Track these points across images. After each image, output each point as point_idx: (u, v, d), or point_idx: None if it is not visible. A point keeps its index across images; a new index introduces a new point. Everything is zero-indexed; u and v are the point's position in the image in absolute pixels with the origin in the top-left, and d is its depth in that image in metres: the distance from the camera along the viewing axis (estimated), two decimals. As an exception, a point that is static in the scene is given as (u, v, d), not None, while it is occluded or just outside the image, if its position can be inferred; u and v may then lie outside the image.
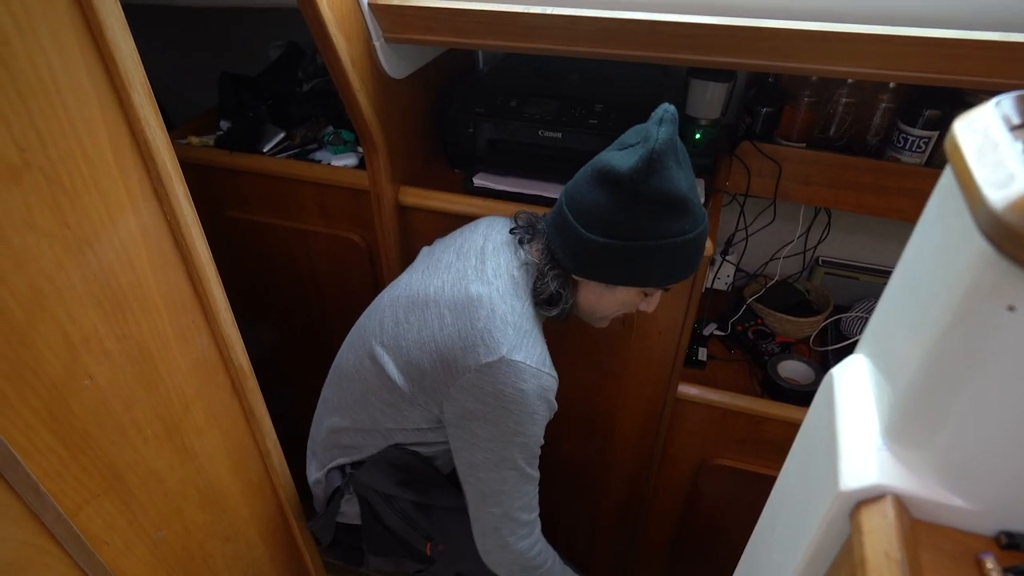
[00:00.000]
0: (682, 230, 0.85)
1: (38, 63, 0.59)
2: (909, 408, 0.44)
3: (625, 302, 0.96)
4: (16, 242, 0.60)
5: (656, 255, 0.86)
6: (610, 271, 0.90)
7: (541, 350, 0.94)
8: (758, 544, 0.68)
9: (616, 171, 0.81)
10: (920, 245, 0.47)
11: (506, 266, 0.96)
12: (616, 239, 0.84)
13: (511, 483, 0.96)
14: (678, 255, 0.87)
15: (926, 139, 1.21)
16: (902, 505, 0.43)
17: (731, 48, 0.94)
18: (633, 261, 0.87)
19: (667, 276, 0.90)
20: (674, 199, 0.83)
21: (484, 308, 0.90)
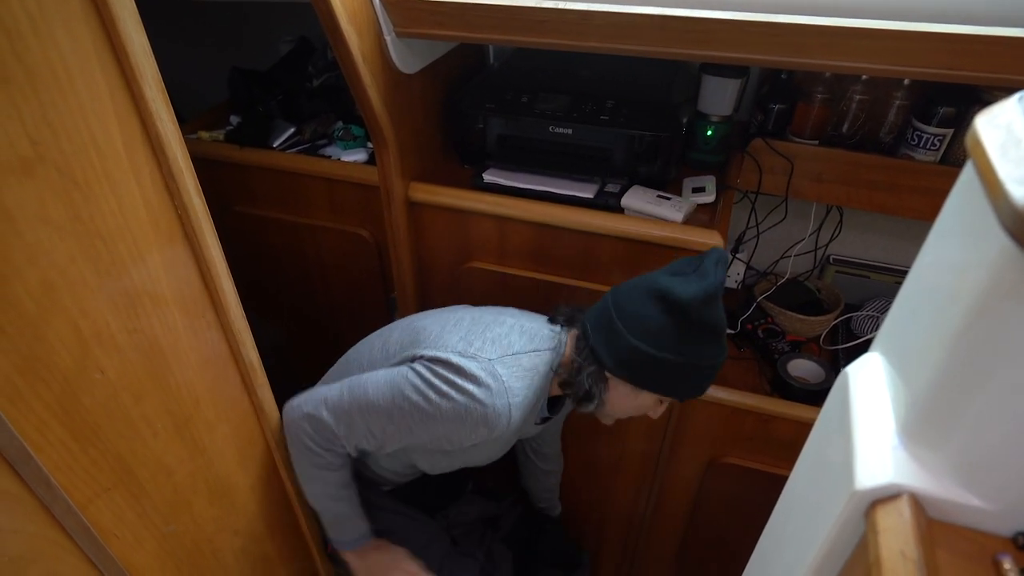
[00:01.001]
0: (715, 355, 0.96)
1: (51, 57, 0.59)
2: (926, 406, 0.44)
3: (642, 406, 1.02)
4: (29, 236, 0.60)
5: (693, 372, 0.96)
6: (648, 378, 0.97)
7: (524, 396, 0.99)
8: (769, 543, 0.68)
9: (676, 296, 0.91)
10: (939, 242, 0.46)
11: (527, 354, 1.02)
12: (665, 352, 0.93)
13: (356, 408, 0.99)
14: (705, 374, 0.98)
15: (940, 137, 1.19)
16: (918, 504, 0.43)
17: (744, 44, 0.93)
18: (673, 373, 0.95)
19: (692, 390, 1.00)
20: (719, 330, 0.95)
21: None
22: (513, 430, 0.99)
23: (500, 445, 1.11)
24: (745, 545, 0.84)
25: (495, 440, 1.03)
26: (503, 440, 1.08)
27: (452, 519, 1.35)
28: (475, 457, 1.11)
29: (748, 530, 1.49)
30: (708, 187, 1.25)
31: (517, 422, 0.98)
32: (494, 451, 1.12)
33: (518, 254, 1.30)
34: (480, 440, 0.98)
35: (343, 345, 1.24)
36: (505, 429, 0.96)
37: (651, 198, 1.20)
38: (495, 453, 1.13)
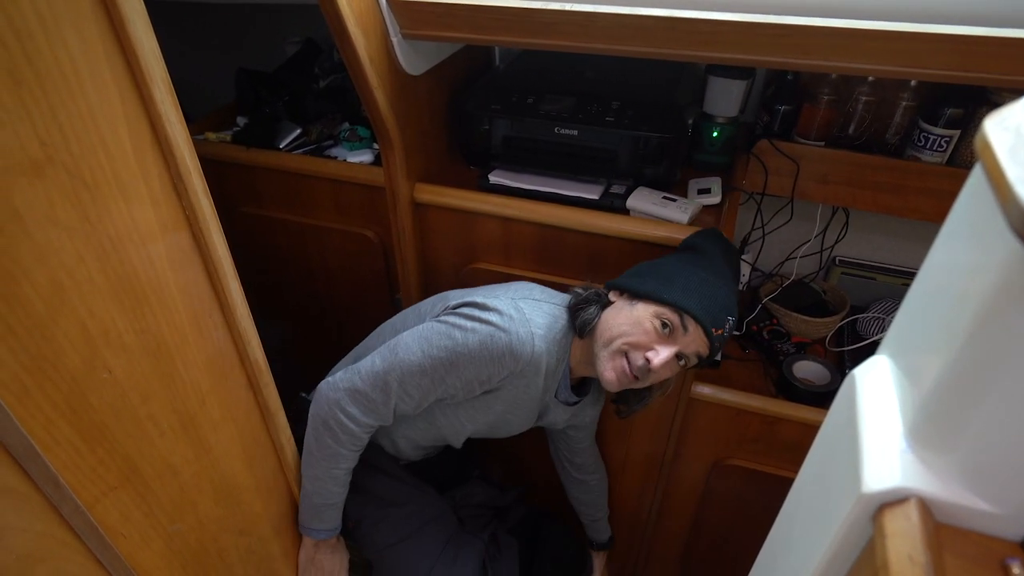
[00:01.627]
0: (713, 270, 1.01)
1: (61, 58, 0.59)
2: (934, 410, 0.44)
3: (634, 318, 0.99)
4: (38, 236, 0.60)
5: (688, 275, 0.99)
6: (643, 279, 1.01)
7: (541, 321, 1.03)
8: (775, 545, 0.68)
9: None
10: (947, 244, 0.46)
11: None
12: (664, 260, 1.03)
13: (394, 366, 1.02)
14: (699, 282, 0.98)
15: (947, 138, 1.19)
16: (926, 508, 0.42)
17: (750, 45, 0.93)
18: (667, 274, 1.00)
19: (683, 294, 0.97)
20: (704, 250, 1.04)
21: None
22: (539, 368, 1.02)
23: (527, 401, 1.10)
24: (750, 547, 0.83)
25: (523, 383, 1.05)
26: (531, 390, 1.07)
27: (458, 500, 1.37)
28: (503, 418, 1.13)
29: (753, 532, 1.49)
30: (714, 188, 1.25)
31: (542, 357, 1.00)
32: (521, 410, 1.12)
33: (523, 255, 1.30)
34: (508, 373, 1.00)
35: (348, 345, 1.25)
36: (531, 359, 0.99)
37: (656, 199, 1.20)
38: (521, 415, 1.14)
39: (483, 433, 1.18)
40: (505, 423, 1.16)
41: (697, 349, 0.98)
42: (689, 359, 1.00)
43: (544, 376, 1.06)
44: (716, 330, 0.97)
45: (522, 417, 1.16)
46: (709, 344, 0.98)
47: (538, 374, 1.04)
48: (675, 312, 0.96)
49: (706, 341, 0.98)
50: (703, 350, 0.99)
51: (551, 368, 1.06)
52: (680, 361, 1.00)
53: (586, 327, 1.03)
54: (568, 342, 1.06)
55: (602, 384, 1.03)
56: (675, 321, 0.96)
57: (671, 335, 0.97)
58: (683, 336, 0.97)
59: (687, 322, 0.96)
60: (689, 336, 0.97)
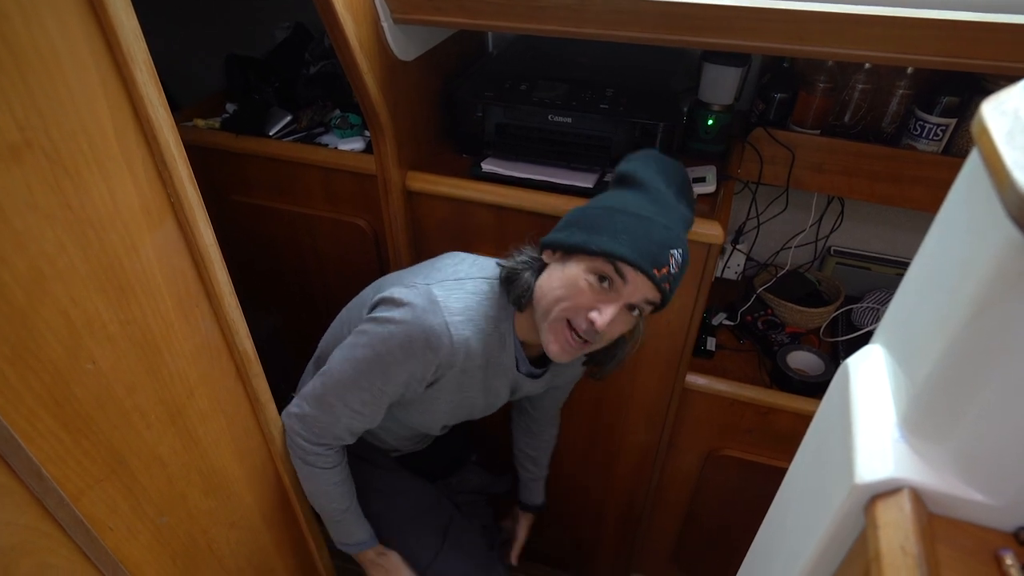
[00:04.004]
0: (640, 204, 0.89)
1: (39, 39, 0.58)
2: (928, 399, 0.43)
3: (568, 277, 0.89)
4: (17, 223, 0.59)
5: (615, 216, 0.88)
6: (569, 232, 0.91)
7: (464, 305, 0.96)
8: (768, 536, 0.67)
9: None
10: (943, 232, 0.45)
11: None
12: (589, 203, 0.93)
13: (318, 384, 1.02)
14: (622, 223, 0.87)
15: (943, 127, 1.18)
16: (919, 499, 0.42)
17: (745, 31, 0.91)
18: (594, 221, 0.89)
19: (612, 239, 0.86)
20: (635, 179, 0.91)
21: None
22: (469, 353, 0.96)
23: (476, 384, 1.04)
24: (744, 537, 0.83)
25: (457, 371, 0.98)
26: (473, 374, 1.01)
27: (454, 486, 1.38)
28: (464, 404, 1.08)
29: (747, 522, 1.49)
30: (708, 177, 1.24)
31: (466, 343, 0.95)
32: (476, 392, 1.06)
33: (517, 244, 1.29)
34: (437, 366, 0.95)
35: (340, 335, 1.23)
36: (451, 350, 0.93)
37: (651, 188, 1.19)
38: (481, 397, 1.08)
39: (457, 418, 1.15)
40: (470, 406, 1.11)
41: (645, 296, 0.88)
42: (642, 308, 0.91)
43: (484, 358, 1.00)
44: (659, 270, 0.86)
45: (486, 398, 1.10)
46: (657, 287, 0.88)
47: (472, 359, 0.98)
48: (607, 262, 0.86)
49: (652, 285, 0.87)
50: (652, 295, 0.89)
51: (491, 348, 0.99)
52: (633, 311, 0.91)
53: (522, 299, 0.95)
54: (508, 316, 0.99)
55: (548, 356, 0.95)
56: (611, 272, 0.86)
57: (612, 288, 0.88)
58: (625, 286, 0.87)
59: (623, 270, 0.86)
60: (631, 285, 0.87)
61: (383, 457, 1.24)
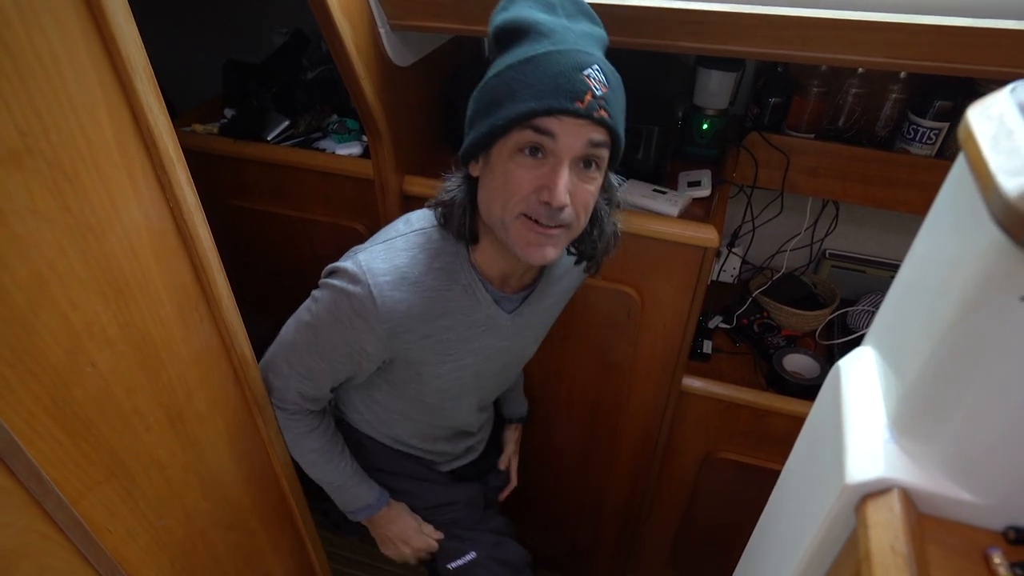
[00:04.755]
0: (529, 59, 0.74)
1: (39, 45, 0.58)
2: (917, 400, 0.44)
3: (504, 176, 0.78)
4: (17, 227, 0.59)
5: (503, 85, 0.76)
6: (483, 120, 0.79)
7: (393, 264, 0.87)
8: (762, 537, 0.68)
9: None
10: (931, 235, 0.46)
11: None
12: (483, 81, 0.80)
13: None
14: (520, 78, 0.74)
15: (936, 130, 1.19)
16: (909, 499, 0.43)
17: (740, 36, 0.92)
18: (496, 94, 0.76)
19: (514, 104, 0.74)
20: (512, 28, 0.76)
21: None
22: (411, 315, 0.88)
23: (458, 345, 0.95)
24: (740, 539, 0.84)
25: (419, 335, 0.91)
26: (440, 334, 0.92)
27: (491, 483, 1.37)
28: (460, 372, 1.00)
29: (743, 524, 1.49)
30: (704, 181, 1.25)
31: (398, 305, 0.86)
32: (467, 358, 0.98)
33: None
34: (379, 335, 0.88)
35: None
36: (379, 315, 0.86)
37: (646, 192, 1.20)
38: (471, 360, 0.99)
39: (474, 394, 1.08)
40: (475, 376, 1.02)
41: (587, 139, 0.74)
42: (594, 157, 0.77)
43: (448, 318, 0.91)
44: (580, 100, 0.72)
45: (486, 364, 1.01)
46: (592, 120, 0.73)
47: (425, 321, 0.90)
48: (522, 129, 0.74)
49: (583, 122, 0.73)
50: (594, 134, 0.75)
51: (455, 305, 0.91)
52: (590, 168, 0.78)
53: (466, 230, 0.86)
54: (462, 261, 0.89)
55: (534, 264, 0.83)
56: (533, 137, 0.74)
57: (547, 154, 0.76)
58: (558, 143, 0.74)
59: (543, 125, 0.73)
60: (563, 137, 0.74)
61: (430, 470, 1.23)
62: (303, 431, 1.04)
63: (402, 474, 1.19)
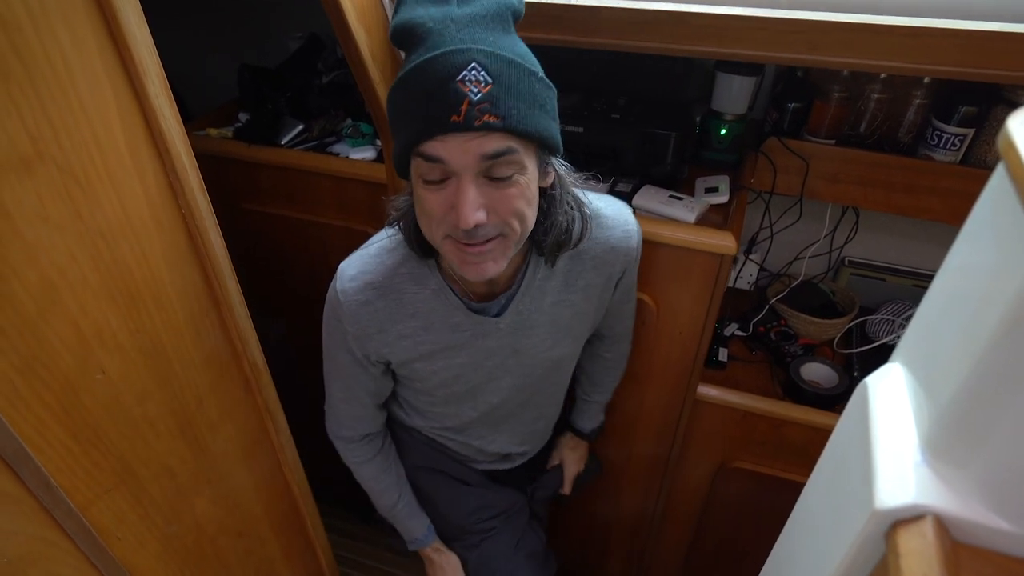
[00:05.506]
0: (416, 58, 0.67)
1: (51, 51, 0.58)
2: (952, 422, 0.42)
3: (420, 203, 0.75)
4: (28, 234, 0.59)
5: (394, 103, 0.71)
6: (394, 131, 0.74)
7: (365, 263, 0.89)
8: (783, 555, 0.66)
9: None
10: (968, 246, 0.44)
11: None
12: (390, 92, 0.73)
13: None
14: (406, 95, 0.68)
15: (961, 136, 1.16)
16: (943, 526, 0.41)
17: (761, 41, 0.91)
18: (398, 107, 0.71)
19: (406, 129, 0.70)
20: (404, 31, 0.69)
21: None
22: (376, 316, 0.88)
23: (445, 344, 0.93)
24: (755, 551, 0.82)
25: (393, 335, 0.91)
26: (417, 334, 0.91)
27: (535, 494, 1.34)
28: (461, 371, 0.98)
29: (758, 536, 1.47)
30: (721, 187, 1.23)
31: (360, 307, 0.88)
32: (462, 356, 0.95)
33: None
34: (355, 336, 0.90)
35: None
36: (347, 314, 0.88)
37: (663, 198, 1.18)
38: (468, 359, 0.96)
39: (482, 396, 1.03)
40: (478, 376, 0.99)
41: (480, 151, 0.67)
42: (502, 165, 0.69)
43: (422, 319, 0.90)
44: (456, 114, 0.64)
45: (487, 358, 0.96)
46: (476, 131, 0.66)
47: (392, 321, 0.89)
48: (416, 158, 0.70)
49: (470, 135, 0.66)
50: (488, 145, 0.67)
51: (418, 304, 0.89)
52: (506, 177, 0.70)
53: (415, 247, 0.84)
54: (429, 267, 0.88)
55: (476, 280, 0.80)
56: (428, 167, 0.69)
57: (450, 179, 0.70)
58: (449, 165, 0.68)
59: (429, 151, 0.68)
60: (451, 159, 0.68)
61: (466, 471, 1.21)
62: (359, 460, 1.08)
63: (439, 471, 1.18)
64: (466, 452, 1.18)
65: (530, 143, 0.71)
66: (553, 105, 0.75)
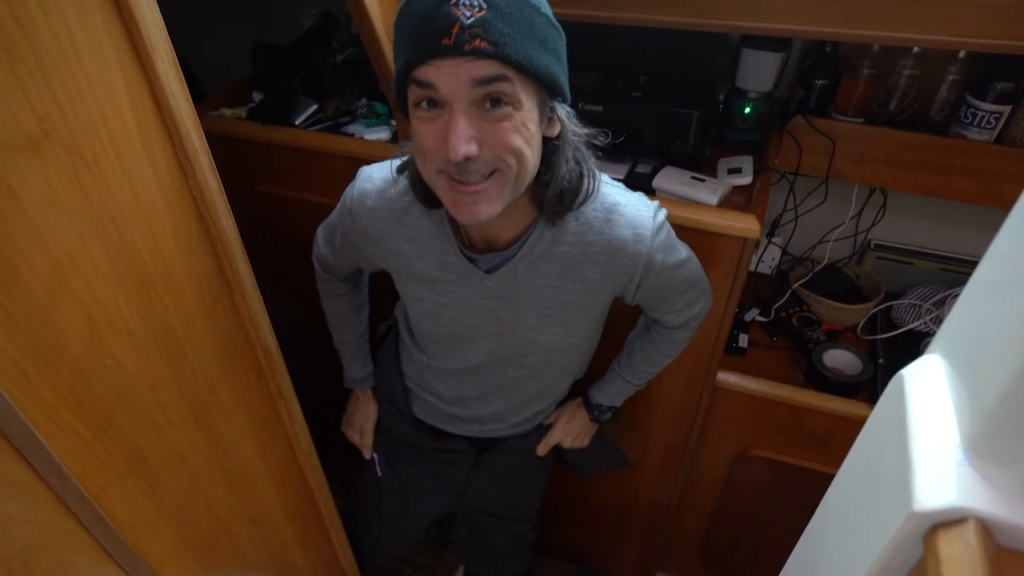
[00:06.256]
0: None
1: (57, 28, 0.56)
2: (998, 418, 0.39)
3: (416, 135, 0.73)
4: (36, 218, 0.58)
5: (395, 26, 0.70)
6: (395, 86, 0.74)
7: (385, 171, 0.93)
8: (808, 553, 0.64)
9: None
10: (1019, 231, 0.41)
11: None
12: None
13: None
14: (405, 21, 0.68)
15: (997, 114, 1.12)
16: (987, 530, 0.38)
17: (790, 13, 0.87)
18: (399, 32, 0.70)
19: (402, 55, 0.69)
20: None
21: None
22: (375, 224, 0.92)
23: (432, 280, 0.94)
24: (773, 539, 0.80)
25: (387, 249, 0.94)
26: (411, 259, 0.93)
27: (467, 501, 1.35)
28: (441, 310, 0.97)
29: (777, 524, 1.45)
30: (745, 168, 1.19)
31: (367, 209, 0.93)
32: (446, 297, 0.94)
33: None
34: (350, 227, 0.96)
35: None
36: (352, 209, 0.94)
37: (684, 179, 1.15)
38: (454, 306, 0.95)
39: (460, 333, 1.00)
40: (460, 324, 0.98)
41: (470, 76, 0.66)
42: (495, 93, 0.68)
43: (417, 245, 0.91)
44: (447, 37, 0.64)
45: (474, 315, 0.95)
46: (466, 55, 0.65)
47: (390, 235, 0.92)
48: (411, 84, 0.69)
49: (461, 59, 0.65)
50: (478, 70, 0.66)
51: (420, 229, 0.90)
52: (497, 106, 0.69)
53: (421, 196, 0.85)
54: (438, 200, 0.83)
55: (469, 223, 0.79)
56: (422, 92, 0.69)
57: (443, 109, 0.69)
58: (440, 91, 0.67)
59: (422, 76, 0.67)
60: (442, 84, 0.67)
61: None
62: (326, 293, 1.18)
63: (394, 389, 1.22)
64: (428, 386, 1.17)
65: (527, 78, 0.69)
66: (558, 47, 0.74)
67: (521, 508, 1.38)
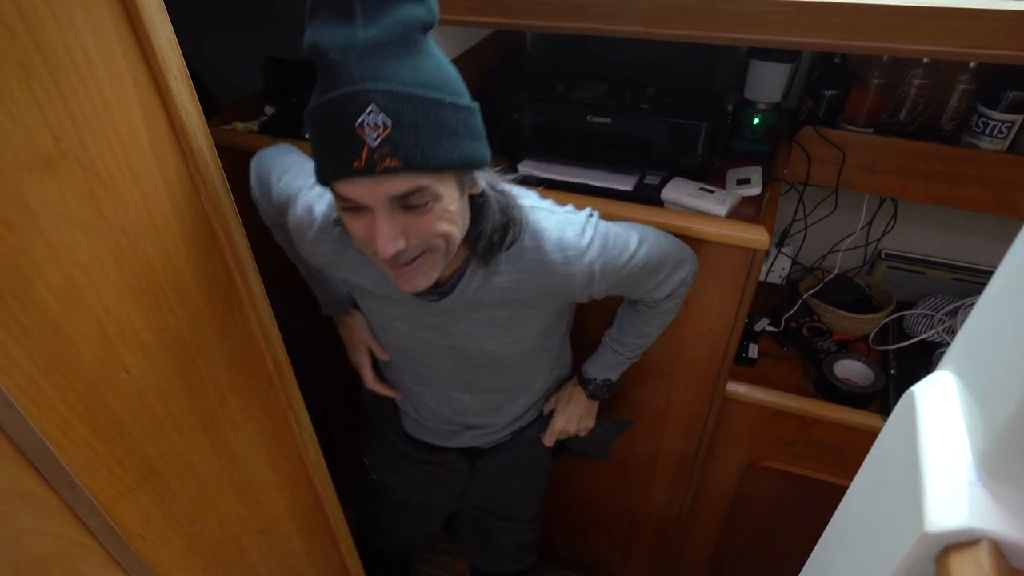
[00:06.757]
0: (321, 94, 0.67)
1: (73, 48, 0.57)
2: (1011, 438, 0.39)
3: (346, 225, 0.76)
4: (51, 234, 0.59)
5: (307, 121, 0.71)
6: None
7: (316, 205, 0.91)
8: (818, 572, 0.63)
9: None
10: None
11: None
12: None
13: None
14: (316, 125, 0.69)
15: (1008, 123, 1.11)
16: (1000, 552, 0.38)
17: (798, 26, 0.87)
18: (311, 131, 0.72)
19: (319, 166, 0.72)
20: (310, 53, 0.67)
21: None
22: (316, 250, 0.92)
23: (379, 293, 0.95)
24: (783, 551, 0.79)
25: (328, 252, 0.92)
26: (355, 267, 0.93)
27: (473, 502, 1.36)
28: (389, 322, 1.00)
29: (787, 536, 1.44)
30: (754, 179, 1.19)
31: (306, 237, 0.91)
32: (394, 311, 0.97)
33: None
34: (295, 238, 0.95)
35: (373, 338, 1.22)
36: (293, 226, 0.93)
37: (693, 191, 1.15)
38: (404, 321, 0.98)
39: (411, 347, 1.03)
40: (409, 337, 1.00)
41: (386, 194, 0.68)
42: (412, 199, 0.70)
43: (344, 270, 0.93)
44: (357, 159, 0.65)
45: (422, 331, 0.97)
46: (379, 163, 0.65)
47: (336, 269, 0.94)
48: (333, 192, 0.72)
49: (375, 179, 0.67)
50: (392, 187, 0.68)
51: (363, 263, 0.90)
52: (415, 208, 0.71)
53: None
54: None
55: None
56: (344, 201, 0.71)
57: (366, 208, 0.71)
58: (364, 201, 0.69)
59: (339, 191, 0.70)
60: (361, 198, 0.69)
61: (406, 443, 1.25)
62: (272, 223, 1.13)
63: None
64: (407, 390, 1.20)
65: (442, 172, 0.71)
66: (469, 124, 0.74)
67: (521, 509, 1.39)
